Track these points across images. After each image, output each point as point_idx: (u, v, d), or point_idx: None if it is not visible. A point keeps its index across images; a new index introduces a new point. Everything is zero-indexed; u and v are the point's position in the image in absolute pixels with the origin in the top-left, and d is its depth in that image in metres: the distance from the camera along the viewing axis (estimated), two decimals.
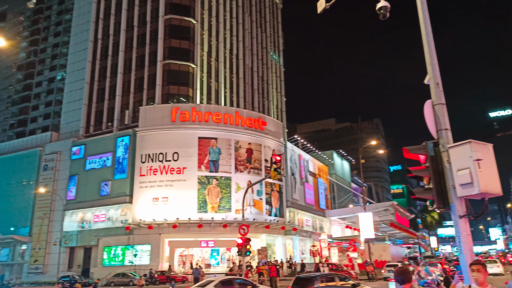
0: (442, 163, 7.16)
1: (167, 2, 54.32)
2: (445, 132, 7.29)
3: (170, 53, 52.28)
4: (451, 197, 6.94)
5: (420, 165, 7.54)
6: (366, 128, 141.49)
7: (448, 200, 7.04)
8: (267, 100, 70.18)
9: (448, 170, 6.98)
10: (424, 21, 8.08)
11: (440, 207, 7.14)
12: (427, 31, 7.96)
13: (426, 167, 7.37)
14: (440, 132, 7.34)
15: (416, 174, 7.55)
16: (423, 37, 7.96)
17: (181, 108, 45.65)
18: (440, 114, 7.40)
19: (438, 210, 7.35)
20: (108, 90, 55.14)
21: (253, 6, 70.78)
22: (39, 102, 69.55)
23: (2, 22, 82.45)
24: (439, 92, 7.59)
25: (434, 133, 7.45)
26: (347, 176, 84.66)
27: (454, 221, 6.98)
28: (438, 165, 7.21)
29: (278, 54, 78.75)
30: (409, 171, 7.71)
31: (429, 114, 7.54)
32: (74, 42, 60.98)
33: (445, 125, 7.35)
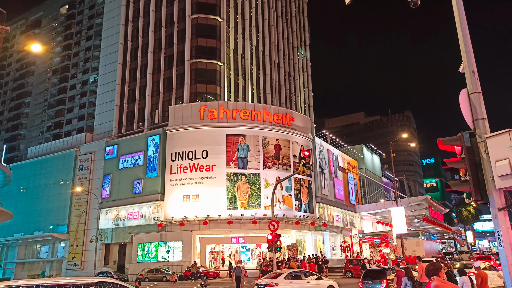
0: (479, 154, 6.92)
1: (193, 2, 54.90)
2: (482, 121, 7.04)
3: (197, 52, 52.87)
4: (490, 189, 6.70)
5: (456, 156, 7.32)
6: (397, 121, 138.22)
7: (486, 192, 6.81)
8: (294, 95, 69.79)
9: (486, 161, 6.74)
10: (458, 6, 7.81)
11: (477, 200, 6.91)
12: (461, 17, 7.69)
13: (462, 158, 7.14)
14: (476, 122, 7.10)
15: (452, 166, 7.34)
16: (457, 23, 7.70)
17: (209, 106, 46.12)
18: (476, 103, 7.15)
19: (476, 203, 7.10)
20: (138, 90, 56.41)
21: (278, 1, 70.43)
22: (74, 105, 72.00)
23: (38, 28, 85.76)
24: (475, 81, 7.33)
25: (471, 123, 7.20)
26: (377, 170, 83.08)
27: (492, 214, 6.74)
28: (475, 156, 6.98)
29: (305, 49, 78.06)
30: (444, 163, 7.49)
31: (464, 103, 7.29)
32: (105, 45, 62.68)
33: (482, 115, 7.10)
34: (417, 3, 8.95)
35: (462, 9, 7.75)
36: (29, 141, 76.86)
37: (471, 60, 7.53)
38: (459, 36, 7.60)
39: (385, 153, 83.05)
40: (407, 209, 45.69)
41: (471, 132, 7.22)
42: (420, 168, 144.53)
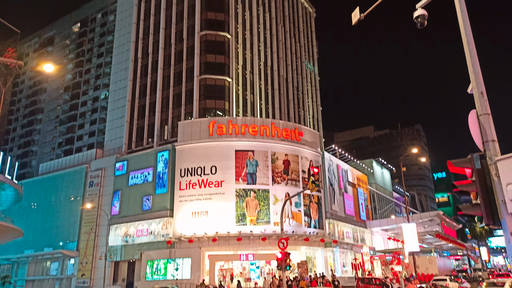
0: (490, 177, 6.79)
1: (203, 19, 55.75)
2: (492, 143, 6.93)
3: (206, 68, 53.43)
4: (502, 212, 6.55)
5: (466, 179, 7.19)
6: (407, 134, 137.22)
7: (498, 216, 6.66)
8: (302, 110, 69.89)
9: (497, 184, 6.61)
10: (465, 28, 7.79)
11: (489, 224, 6.76)
12: (468, 39, 7.65)
13: (473, 181, 7.01)
14: (486, 144, 6.99)
15: (462, 189, 7.21)
16: (464, 45, 7.66)
17: (218, 121, 46.32)
18: (485, 125, 7.05)
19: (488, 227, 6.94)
20: (148, 106, 56.99)
21: (286, 17, 71.21)
22: (85, 121, 72.97)
23: (50, 46, 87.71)
24: (484, 102, 7.25)
25: (480, 145, 7.10)
26: (388, 185, 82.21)
27: (505, 239, 6.58)
28: (485, 179, 6.85)
29: (313, 63, 78.45)
30: (454, 186, 7.36)
31: (474, 125, 7.20)
32: (115, 62, 63.69)
33: (491, 137, 6.99)
34: (423, 23, 8.95)
35: (469, 30, 7.72)
36: (40, 157, 77.84)
37: (480, 81, 7.46)
38: (467, 57, 7.55)
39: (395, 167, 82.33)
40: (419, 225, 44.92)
41: (481, 154, 7.11)
42: (431, 183, 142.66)
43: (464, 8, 7.96)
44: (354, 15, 11.29)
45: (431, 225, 51.99)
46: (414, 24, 9.33)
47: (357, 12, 11.28)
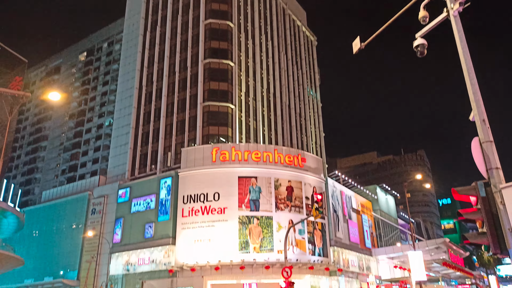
0: (495, 205, 6.73)
1: (206, 47, 56.86)
2: (496, 171, 6.90)
3: (210, 95, 54.07)
4: (509, 241, 6.45)
5: (472, 207, 7.13)
6: (410, 160, 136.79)
7: (505, 245, 6.55)
8: (305, 136, 70.10)
9: (503, 212, 6.54)
10: (465, 57, 7.91)
11: (496, 253, 6.65)
12: (468, 67, 7.76)
13: (478, 209, 6.95)
14: (490, 172, 6.96)
15: (468, 218, 7.13)
16: (464, 73, 7.76)
17: (221, 148, 46.42)
18: (489, 152, 7.05)
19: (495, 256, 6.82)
20: (151, 133, 57.38)
21: (288, 45, 72.56)
22: (88, 148, 73.37)
23: (57, 74, 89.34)
24: (486, 129, 7.27)
25: (484, 172, 7.07)
26: (392, 212, 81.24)
27: None
28: (491, 207, 6.78)
29: (315, 90, 79.29)
30: (459, 214, 7.29)
31: (477, 152, 7.20)
32: (120, 90, 64.63)
33: (495, 164, 6.97)
34: (423, 52, 9.10)
35: (469, 58, 7.84)
36: (43, 185, 77.84)
37: (481, 109, 7.51)
38: (468, 85, 7.64)
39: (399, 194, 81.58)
40: (425, 253, 44.10)
41: (486, 182, 7.07)
42: (436, 209, 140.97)
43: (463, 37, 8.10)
44: (355, 45, 11.50)
45: (438, 253, 50.98)
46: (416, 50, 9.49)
47: (357, 42, 11.50)
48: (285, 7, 75.87)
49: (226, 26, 58.17)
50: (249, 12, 64.09)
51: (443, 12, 8.63)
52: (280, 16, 73.05)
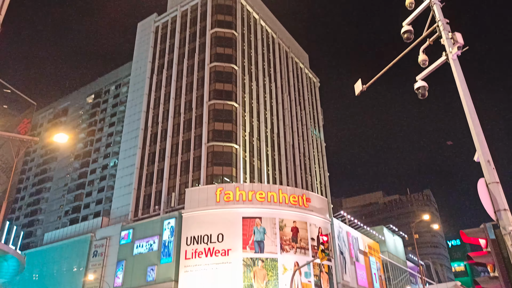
0: (506, 248, 6.58)
1: (211, 89, 58.08)
2: (505, 212, 6.81)
3: (214, 135, 54.57)
4: None
5: (482, 250, 6.97)
6: (417, 200, 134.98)
7: None
8: (310, 176, 69.84)
9: None
10: (466, 99, 8.04)
11: None
12: (469, 109, 7.87)
13: (488, 252, 6.79)
14: (498, 213, 6.87)
15: (478, 261, 6.95)
16: (466, 115, 7.85)
17: (225, 188, 46.20)
18: (496, 193, 6.99)
19: None
20: (156, 174, 57.42)
21: (291, 87, 74.01)
22: (93, 189, 73.27)
23: (64, 116, 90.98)
24: (492, 170, 7.25)
25: (492, 214, 6.97)
26: (401, 253, 79.19)
27: None
28: (501, 250, 6.63)
29: (318, 130, 79.90)
30: (469, 258, 7.10)
31: (484, 194, 7.13)
32: (126, 131, 65.45)
33: (503, 205, 6.89)
34: (424, 94, 9.27)
35: (470, 100, 7.97)
36: (46, 226, 77.09)
37: (485, 149, 7.53)
38: (470, 127, 7.70)
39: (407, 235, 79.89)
40: None
41: (495, 224, 6.96)
42: (446, 251, 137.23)
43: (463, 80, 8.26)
44: (357, 87, 11.74)
45: None
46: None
47: (359, 84, 11.74)
48: (287, 50, 78.13)
49: (230, 69, 59.71)
50: (253, 55, 65.97)
51: (442, 55, 8.87)
52: (283, 59, 75.08)
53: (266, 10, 76.75)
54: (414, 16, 9.98)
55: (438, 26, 9.03)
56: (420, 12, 9.92)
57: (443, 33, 8.78)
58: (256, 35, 68.78)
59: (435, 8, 9.23)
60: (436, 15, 9.18)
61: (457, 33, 8.45)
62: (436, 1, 9.31)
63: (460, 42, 8.34)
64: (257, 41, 68.17)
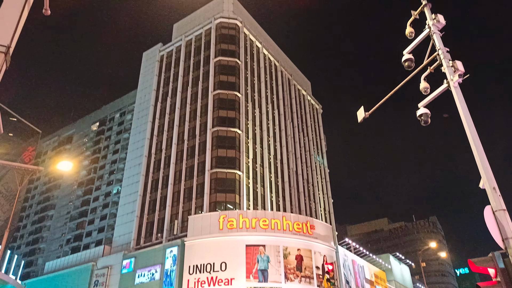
0: None
1: (215, 116, 58.56)
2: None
3: (218, 162, 54.58)
4: None
5: (491, 279, 6.81)
6: (423, 227, 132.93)
7: None
8: (313, 202, 69.24)
9: None
10: (468, 125, 8.06)
11: None
12: (473, 135, 7.88)
13: (498, 282, 6.63)
14: (507, 241, 6.75)
15: None
16: (470, 141, 7.85)
17: (228, 215, 45.79)
18: (503, 221, 6.90)
19: None
20: (159, 201, 57.15)
21: (294, 113, 74.53)
22: (95, 216, 72.82)
23: (69, 144, 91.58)
24: (498, 198, 7.18)
25: (500, 242, 6.85)
26: (408, 282, 77.30)
27: None
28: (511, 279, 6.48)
29: (322, 156, 79.80)
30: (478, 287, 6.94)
31: (491, 221, 7.04)
32: (130, 158, 65.65)
33: (511, 233, 6.78)
34: (427, 121, 9.31)
35: (473, 127, 7.98)
36: (47, 255, 76.20)
37: (490, 176, 7.49)
38: (474, 154, 7.69)
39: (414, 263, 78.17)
40: None
41: (503, 252, 6.83)
42: (454, 279, 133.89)
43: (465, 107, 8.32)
44: (359, 114, 11.82)
45: None
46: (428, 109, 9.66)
47: (362, 111, 11.83)
48: (290, 78, 79.19)
49: (234, 96, 60.38)
50: (256, 83, 66.85)
51: (444, 83, 8.97)
52: (286, 86, 75.99)
53: (269, 39, 78.35)
54: (414, 45, 10.17)
55: (439, 54, 9.19)
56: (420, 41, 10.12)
57: (444, 61, 8.91)
58: (259, 63, 69.93)
59: (435, 37, 9.42)
60: (436, 44, 9.35)
61: (457, 61, 8.57)
62: (436, 31, 9.51)
63: (460, 70, 8.45)
64: (260, 69, 69.25)
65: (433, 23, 9.59)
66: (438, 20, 9.55)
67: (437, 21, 9.54)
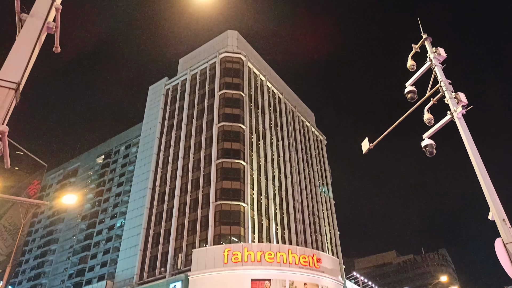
0: None
1: (219, 148, 58.78)
2: None
3: (222, 194, 54.27)
4: None
5: None
6: (432, 260, 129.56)
7: None
8: (320, 235, 68.08)
9: None
10: (474, 156, 8.03)
11: None
12: (479, 166, 7.83)
13: None
14: None
15: None
16: (477, 173, 7.80)
17: (233, 248, 45.03)
18: None
19: None
20: (163, 234, 56.46)
21: (298, 144, 74.66)
22: (98, 250, 71.85)
23: (74, 177, 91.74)
24: (508, 229, 7.05)
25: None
26: None
27: None
28: None
29: (327, 187, 79.18)
30: None
31: (502, 254, 6.88)
32: (134, 191, 65.51)
33: None
34: (432, 152, 9.30)
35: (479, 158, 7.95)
36: None
37: (499, 207, 7.38)
38: (482, 184, 7.61)
39: None
40: None
41: None
42: None
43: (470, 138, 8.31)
44: (364, 145, 11.83)
45: None
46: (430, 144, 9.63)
47: (366, 142, 11.84)
48: (294, 109, 79.94)
49: (238, 128, 60.81)
50: (260, 115, 67.48)
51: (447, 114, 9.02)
52: (290, 117, 76.59)
53: (272, 72, 79.75)
54: (416, 77, 10.31)
55: (441, 86, 9.29)
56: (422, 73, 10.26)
57: (446, 93, 9.00)
58: (263, 95, 70.86)
59: (436, 69, 9.56)
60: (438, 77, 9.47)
61: (460, 93, 8.66)
62: (437, 63, 9.66)
63: (464, 101, 8.52)
64: (264, 101, 70.08)
65: (434, 56, 9.76)
66: (439, 53, 9.73)
67: (438, 54, 9.72)
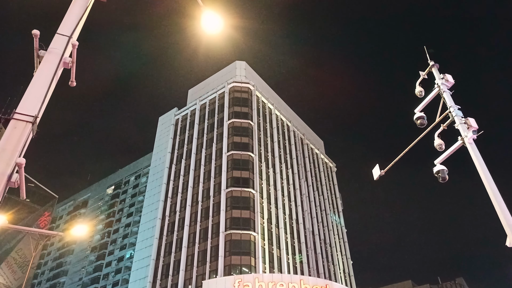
0: None
1: (229, 177, 58.72)
2: None
3: (232, 223, 53.76)
4: None
5: None
6: None
7: None
8: (332, 264, 66.56)
9: None
10: (488, 181, 7.93)
11: None
12: (493, 192, 7.72)
13: None
14: None
15: None
16: (491, 198, 7.68)
17: (243, 279, 44.17)
18: None
19: None
20: (172, 265, 55.71)
21: (308, 172, 74.26)
22: (107, 283, 70.97)
23: (84, 208, 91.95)
24: None
25: None
26: None
27: None
28: None
29: (338, 215, 78.05)
30: None
31: None
32: (144, 221, 65.27)
33: None
34: (445, 178, 9.19)
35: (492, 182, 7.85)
36: None
37: None
38: (497, 210, 7.48)
39: None
40: None
41: None
42: None
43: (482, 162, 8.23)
44: (375, 172, 11.74)
45: None
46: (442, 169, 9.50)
47: (377, 169, 11.76)
48: (303, 137, 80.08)
49: (247, 157, 60.89)
50: (269, 143, 67.65)
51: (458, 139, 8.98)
52: (299, 145, 76.63)
53: (280, 100, 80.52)
54: (425, 103, 10.35)
55: (450, 112, 9.30)
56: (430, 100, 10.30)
57: (456, 119, 9.00)
58: (272, 123, 71.29)
59: (445, 95, 9.60)
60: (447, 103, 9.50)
61: (470, 118, 8.65)
62: (445, 89, 9.71)
63: (474, 126, 8.50)
64: (273, 129, 70.42)
65: (442, 83, 9.82)
66: (446, 80, 9.79)
67: (446, 80, 9.79)
